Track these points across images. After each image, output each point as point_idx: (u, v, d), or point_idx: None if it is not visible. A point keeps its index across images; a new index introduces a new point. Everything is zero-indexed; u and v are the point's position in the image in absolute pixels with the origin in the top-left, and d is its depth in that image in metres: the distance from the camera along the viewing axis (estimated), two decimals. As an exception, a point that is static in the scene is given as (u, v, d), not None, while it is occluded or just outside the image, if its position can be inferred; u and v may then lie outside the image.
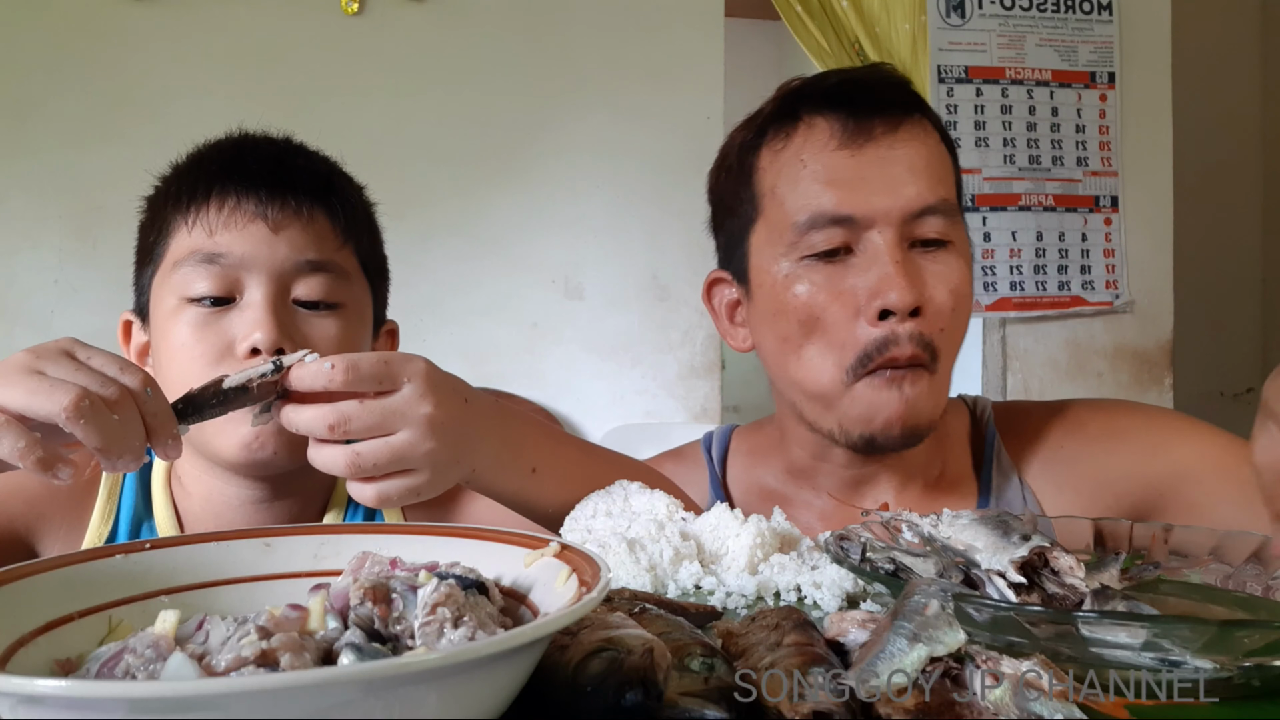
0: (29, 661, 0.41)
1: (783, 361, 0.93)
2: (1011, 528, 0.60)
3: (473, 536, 0.52)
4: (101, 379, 0.57)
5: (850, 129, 0.88)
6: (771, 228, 0.91)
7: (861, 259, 0.87)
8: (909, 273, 0.85)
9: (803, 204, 0.88)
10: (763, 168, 0.93)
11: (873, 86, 0.91)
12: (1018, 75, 2.72)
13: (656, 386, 2.63)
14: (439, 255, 2.57)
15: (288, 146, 0.93)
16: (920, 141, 0.89)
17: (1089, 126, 2.76)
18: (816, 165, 0.88)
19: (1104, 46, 2.77)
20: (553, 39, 2.64)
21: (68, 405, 0.54)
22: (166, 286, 0.85)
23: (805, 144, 0.90)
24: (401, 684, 0.32)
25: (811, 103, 0.91)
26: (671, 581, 0.67)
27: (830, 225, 0.87)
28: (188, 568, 0.51)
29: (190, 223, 0.85)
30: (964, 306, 0.90)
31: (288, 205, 0.85)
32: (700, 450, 1.08)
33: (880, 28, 2.73)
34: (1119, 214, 2.78)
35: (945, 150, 0.93)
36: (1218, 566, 0.62)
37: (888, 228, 0.86)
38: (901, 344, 0.85)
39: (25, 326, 2.39)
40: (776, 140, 0.92)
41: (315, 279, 0.85)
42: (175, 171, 0.92)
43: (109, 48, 2.44)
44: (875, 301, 0.85)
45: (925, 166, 0.88)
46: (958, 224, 0.90)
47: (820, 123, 0.89)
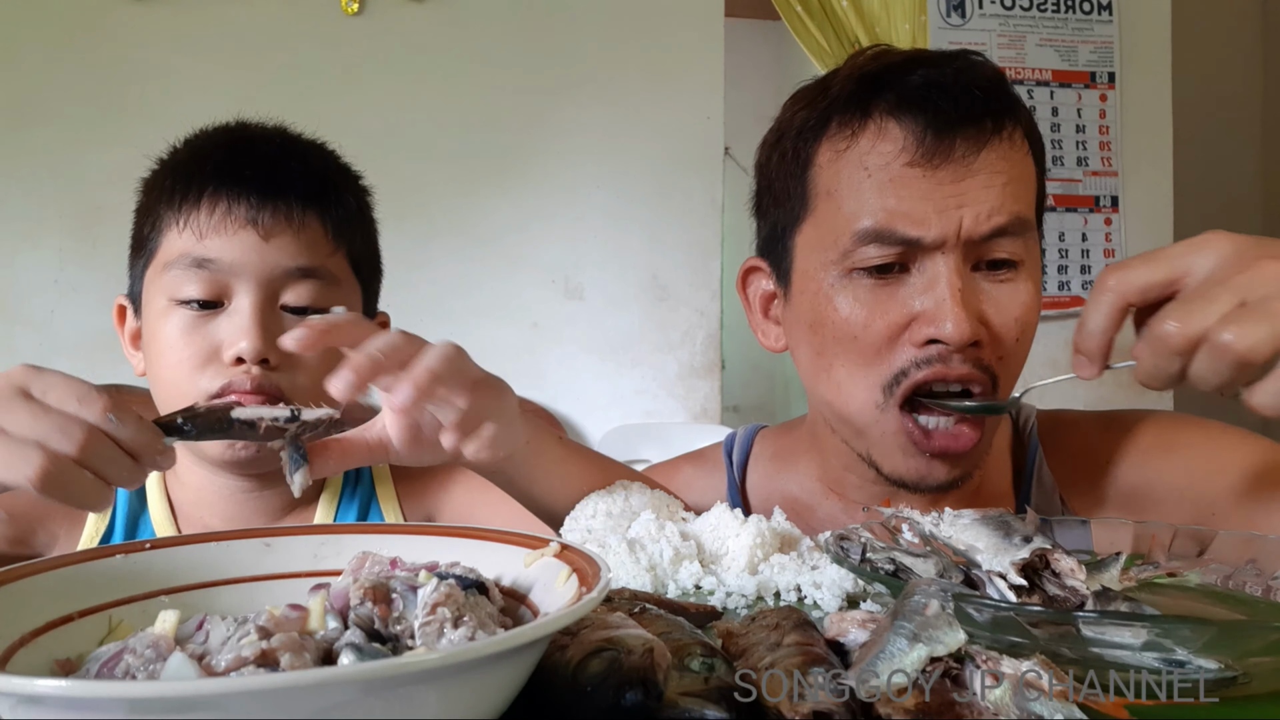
0: (29, 661, 0.41)
1: (815, 375, 0.86)
2: (1013, 529, 0.60)
3: (473, 536, 0.52)
4: (62, 422, 0.55)
5: (928, 145, 0.77)
6: (822, 231, 0.82)
7: (919, 280, 0.79)
8: (968, 302, 0.77)
9: (861, 216, 0.79)
10: (821, 164, 0.83)
11: (961, 92, 0.79)
12: (1018, 75, 2.72)
13: (656, 386, 2.63)
14: (439, 255, 2.57)
15: (284, 144, 0.92)
16: (1003, 156, 0.79)
17: (1089, 126, 2.76)
18: (883, 177, 0.78)
19: (1104, 46, 2.77)
20: (553, 39, 2.64)
21: (34, 478, 0.53)
22: (157, 285, 0.86)
23: (873, 149, 0.79)
24: (401, 684, 0.32)
25: (887, 101, 0.79)
26: (671, 581, 0.67)
27: (889, 245, 0.78)
28: (187, 568, 0.51)
29: (181, 224, 0.84)
30: (1028, 335, 0.81)
31: (279, 211, 0.84)
32: (721, 453, 1.01)
33: (880, 28, 2.73)
34: (1119, 214, 2.78)
35: (1032, 160, 0.83)
36: (1218, 566, 0.62)
37: (952, 251, 0.77)
38: (950, 363, 0.77)
39: (25, 326, 2.39)
40: (841, 136, 0.81)
41: (305, 285, 0.85)
42: (171, 161, 0.91)
43: (109, 48, 2.44)
44: (926, 329, 0.77)
45: (1006, 184, 0.78)
46: (1032, 241, 0.82)
47: (893, 129, 0.79)
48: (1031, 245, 0.82)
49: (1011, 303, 0.80)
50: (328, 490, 0.97)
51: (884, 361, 0.79)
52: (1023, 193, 0.81)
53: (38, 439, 0.54)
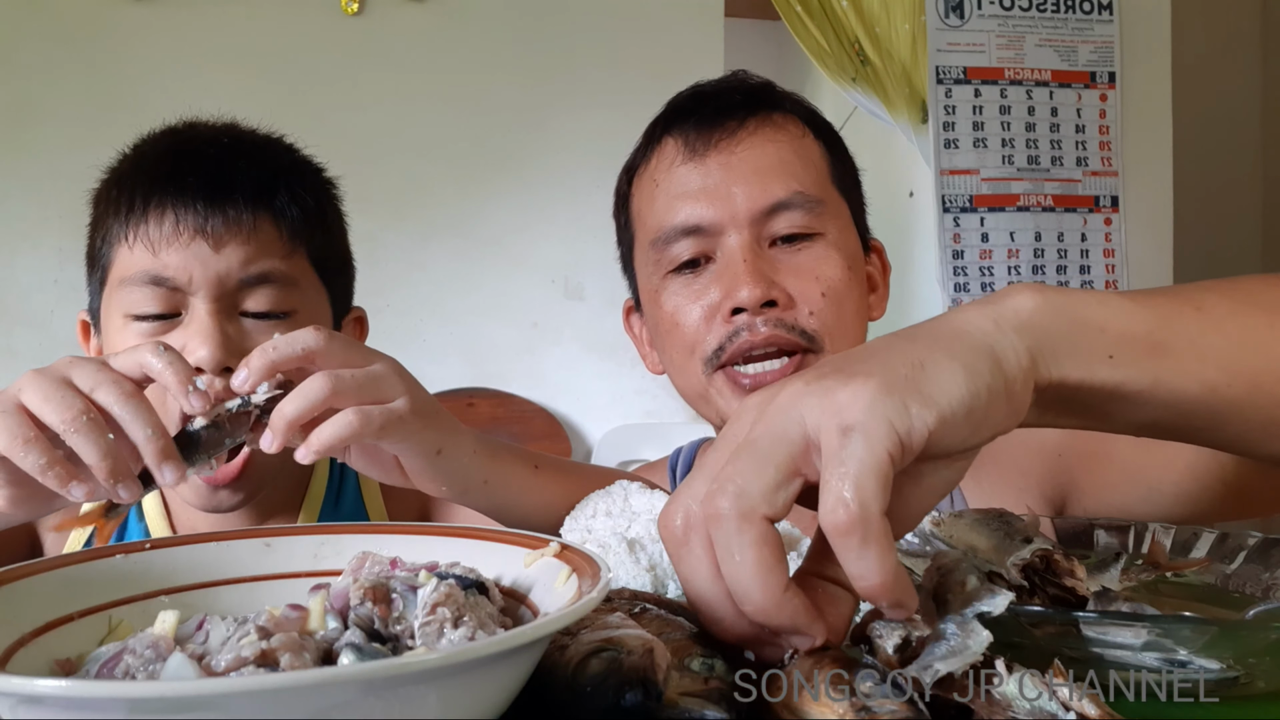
0: (29, 661, 0.41)
1: (670, 374, 0.94)
2: (1014, 529, 0.60)
3: (473, 536, 0.52)
4: (118, 377, 0.58)
5: (691, 141, 0.89)
6: (642, 249, 0.94)
7: (719, 264, 0.87)
8: (759, 269, 0.85)
9: (657, 222, 0.90)
10: (632, 194, 0.96)
11: (722, 95, 0.92)
12: (1016, 76, 2.72)
13: (656, 386, 2.62)
14: (439, 255, 2.56)
15: (231, 144, 0.88)
16: (768, 139, 0.89)
17: (1089, 126, 2.76)
18: (666, 182, 0.90)
19: (1104, 46, 2.77)
20: (553, 39, 2.64)
21: (69, 417, 0.55)
22: (113, 303, 0.84)
23: (658, 164, 0.92)
24: (401, 684, 0.32)
25: (665, 122, 0.93)
26: (671, 581, 0.67)
27: (683, 237, 0.88)
28: (188, 568, 0.50)
29: (131, 239, 0.82)
30: (836, 291, 0.87)
31: (228, 217, 0.81)
32: (667, 468, 1.04)
33: (880, 28, 2.73)
34: (1119, 214, 2.78)
35: (813, 143, 0.92)
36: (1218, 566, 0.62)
37: (738, 231, 0.86)
38: (755, 329, 0.84)
39: (25, 326, 2.39)
40: (638, 165, 0.95)
41: (262, 291, 0.83)
42: (117, 171, 0.89)
43: (109, 48, 2.44)
44: (727, 301, 0.85)
45: (775, 164, 0.88)
46: (827, 215, 0.89)
47: (669, 141, 0.91)
48: (828, 217, 0.89)
49: (809, 264, 0.87)
50: (308, 502, 0.95)
51: (703, 341, 0.88)
52: (801, 171, 0.89)
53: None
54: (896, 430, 0.39)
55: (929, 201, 2.72)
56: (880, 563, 0.37)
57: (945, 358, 0.42)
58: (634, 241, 0.96)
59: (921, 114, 2.76)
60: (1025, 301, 0.46)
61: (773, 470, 0.40)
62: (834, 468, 0.38)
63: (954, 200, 2.69)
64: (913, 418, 0.39)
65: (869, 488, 0.37)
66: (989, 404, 0.42)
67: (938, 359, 0.42)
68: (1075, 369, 0.46)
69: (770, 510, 0.39)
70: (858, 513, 0.37)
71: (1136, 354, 0.47)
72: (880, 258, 1.00)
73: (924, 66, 2.69)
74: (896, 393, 0.39)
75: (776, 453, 0.40)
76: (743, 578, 0.39)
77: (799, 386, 0.41)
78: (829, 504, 0.38)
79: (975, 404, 0.41)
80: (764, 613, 0.39)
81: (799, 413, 0.40)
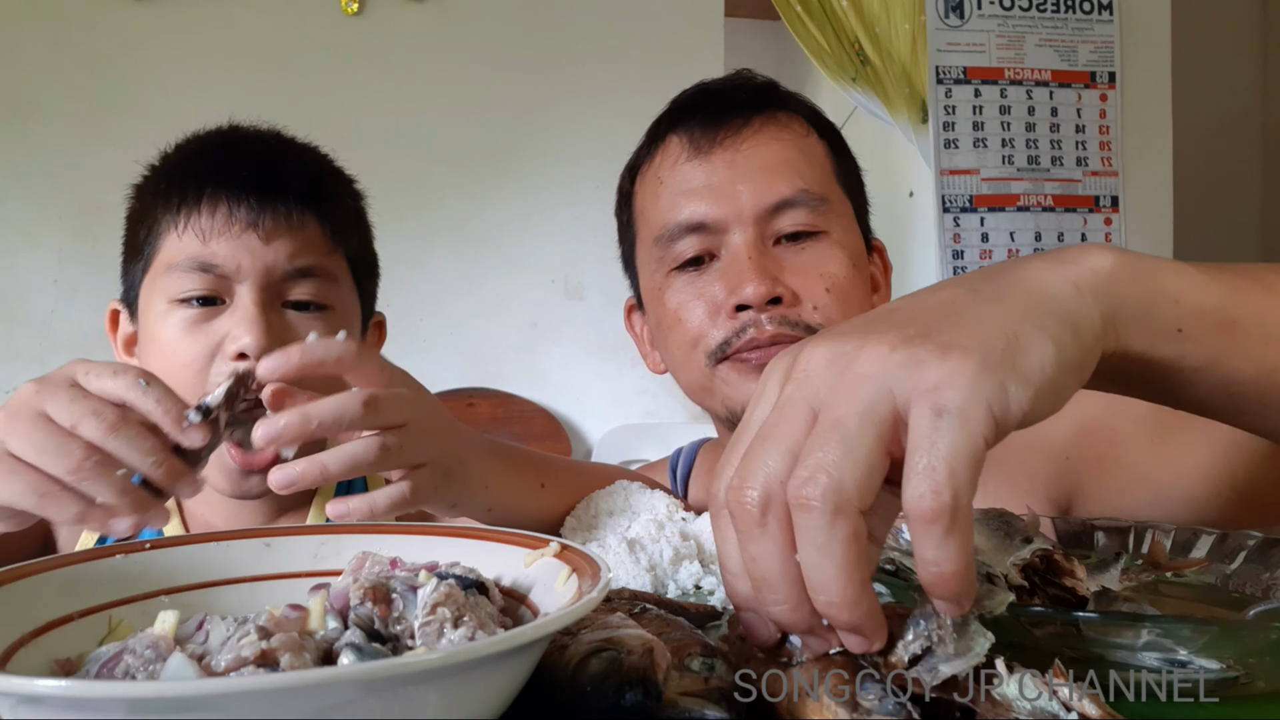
0: (29, 661, 0.41)
1: (673, 372, 0.94)
2: (1014, 529, 0.60)
3: (473, 536, 0.52)
4: (98, 407, 0.56)
5: (696, 139, 0.89)
6: (645, 246, 0.94)
7: (723, 262, 0.88)
8: (764, 266, 0.85)
9: (661, 219, 0.90)
10: (635, 191, 0.96)
11: (726, 94, 0.92)
12: (1016, 75, 2.72)
13: (657, 386, 2.63)
14: (439, 255, 2.57)
15: (278, 145, 0.92)
16: (773, 138, 0.89)
17: (1089, 126, 2.76)
18: (671, 180, 0.90)
19: (1104, 46, 2.77)
20: (553, 39, 2.64)
21: (72, 468, 0.54)
22: (157, 289, 0.86)
23: (662, 161, 0.92)
24: (401, 684, 0.32)
25: (669, 120, 0.93)
26: (671, 581, 0.67)
27: (687, 234, 0.88)
28: (187, 568, 0.50)
29: (181, 227, 0.84)
30: (843, 289, 0.87)
31: (279, 212, 0.84)
32: (667, 468, 1.05)
33: (880, 28, 2.73)
34: (1119, 214, 2.78)
35: (818, 142, 0.92)
36: (1218, 566, 0.62)
37: (743, 228, 0.86)
38: (761, 326, 0.84)
39: (25, 326, 2.39)
40: (642, 162, 0.95)
41: (305, 284, 0.86)
42: (165, 166, 0.91)
43: (109, 48, 2.44)
44: (731, 298, 0.85)
45: (779, 162, 0.88)
46: (831, 213, 0.89)
47: (673, 139, 0.91)
48: (832, 216, 0.89)
49: (814, 262, 0.87)
50: (320, 495, 0.96)
51: (706, 336, 0.87)
52: (806, 169, 0.89)
53: (77, 430, 0.55)
54: (994, 414, 0.36)
55: (929, 201, 2.72)
56: (960, 553, 0.35)
57: (1035, 328, 0.39)
58: (637, 239, 0.96)
59: (921, 114, 2.76)
60: (1103, 262, 0.44)
61: (865, 458, 0.37)
62: (925, 450, 0.35)
63: (954, 200, 2.69)
64: (1010, 399, 0.37)
65: (962, 476, 0.35)
66: (1069, 377, 0.40)
67: (1029, 331, 0.39)
68: (1140, 340, 0.44)
69: (864, 503, 0.37)
70: (949, 502, 0.35)
71: (1205, 329, 0.45)
72: (882, 258, 1.00)
73: (924, 66, 2.69)
74: (995, 371, 0.37)
75: (867, 436, 0.37)
76: (828, 570, 0.37)
77: (883, 351, 0.38)
78: (918, 489, 0.35)
79: (1060, 379, 0.39)
80: (838, 607, 0.37)
81: (886, 384, 0.37)
